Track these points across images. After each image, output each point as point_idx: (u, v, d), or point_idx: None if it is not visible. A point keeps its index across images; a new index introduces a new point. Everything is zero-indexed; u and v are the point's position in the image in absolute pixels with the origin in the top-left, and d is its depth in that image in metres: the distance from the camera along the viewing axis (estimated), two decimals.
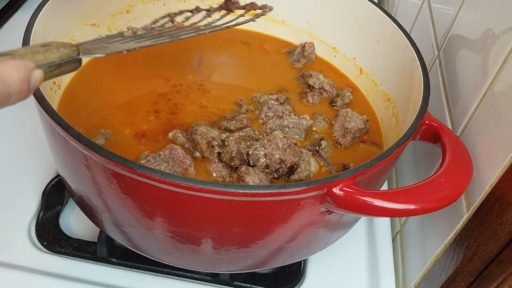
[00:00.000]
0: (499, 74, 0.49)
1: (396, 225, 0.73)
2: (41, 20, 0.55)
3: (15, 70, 0.32)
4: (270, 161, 0.53)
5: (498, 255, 0.46)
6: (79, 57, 0.39)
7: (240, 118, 0.60)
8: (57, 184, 0.67)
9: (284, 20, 0.79)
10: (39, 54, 0.35)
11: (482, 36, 0.55)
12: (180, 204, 0.43)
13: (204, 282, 0.61)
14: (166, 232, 0.47)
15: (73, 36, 0.64)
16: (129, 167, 0.40)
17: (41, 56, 0.35)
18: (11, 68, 0.32)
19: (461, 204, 0.52)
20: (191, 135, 0.57)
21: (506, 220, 0.44)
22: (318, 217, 0.47)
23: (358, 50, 0.73)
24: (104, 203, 0.48)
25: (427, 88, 0.55)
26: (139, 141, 0.57)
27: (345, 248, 0.67)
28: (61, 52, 0.37)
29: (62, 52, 0.37)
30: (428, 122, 0.53)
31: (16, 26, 0.95)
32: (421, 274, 0.59)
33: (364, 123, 0.63)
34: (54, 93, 0.60)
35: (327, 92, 0.69)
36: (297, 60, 0.75)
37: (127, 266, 0.61)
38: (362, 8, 0.70)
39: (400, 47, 0.64)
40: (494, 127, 0.49)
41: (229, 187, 0.40)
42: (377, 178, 0.51)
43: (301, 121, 0.61)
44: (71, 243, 0.62)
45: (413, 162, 0.72)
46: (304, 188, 0.42)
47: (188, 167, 0.53)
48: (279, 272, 0.63)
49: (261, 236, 0.48)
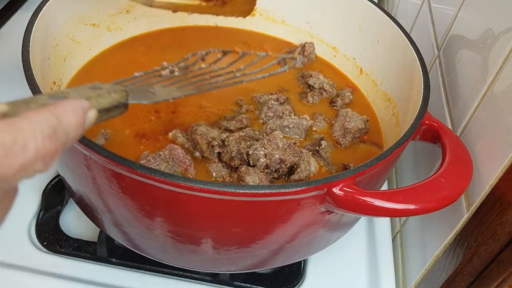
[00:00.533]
0: (499, 74, 0.49)
1: (396, 225, 0.73)
2: (41, 20, 0.55)
3: (73, 116, 0.30)
4: (270, 161, 0.53)
5: (498, 255, 0.46)
6: (127, 102, 0.39)
7: (240, 118, 0.60)
8: (57, 184, 0.67)
9: (284, 20, 0.79)
10: (92, 100, 0.34)
11: (482, 36, 0.55)
12: (180, 204, 0.43)
13: (204, 282, 0.61)
14: (166, 232, 0.47)
15: (73, 36, 0.64)
16: (129, 167, 0.40)
17: (93, 102, 0.34)
18: (70, 114, 0.29)
19: (461, 204, 0.52)
20: (191, 135, 0.57)
21: (506, 220, 0.44)
22: (318, 217, 0.47)
23: (358, 50, 0.73)
24: (104, 203, 0.48)
25: (427, 88, 0.55)
26: (139, 141, 0.57)
27: (345, 248, 0.67)
28: (112, 98, 0.36)
29: (113, 97, 0.36)
30: (428, 122, 0.53)
31: (16, 26, 0.95)
32: (421, 274, 0.59)
33: (364, 123, 0.63)
34: None
35: (327, 92, 0.69)
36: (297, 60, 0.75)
37: (127, 266, 0.61)
38: (362, 8, 0.70)
39: (400, 47, 0.64)
40: (494, 127, 0.48)
41: (229, 187, 0.40)
42: (377, 178, 0.51)
43: (301, 121, 0.61)
44: (71, 243, 0.62)
45: (413, 162, 0.72)
46: (304, 188, 0.42)
47: (188, 167, 0.53)
48: (279, 272, 0.63)
49: (261, 236, 0.48)
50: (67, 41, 0.63)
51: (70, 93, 0.33)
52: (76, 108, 0.30)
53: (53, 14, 0.58)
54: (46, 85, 0.57)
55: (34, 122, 0.26)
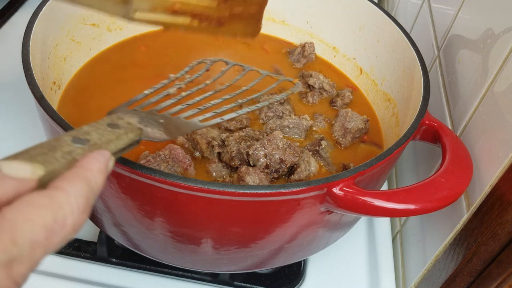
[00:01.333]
0: (499, 74, 0.49)
1: (396, 225, 0.73)
2: (41, 20, 0.55)
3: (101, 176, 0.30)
4: (270, 161, 0.53)
5: (498, 255, 0.46)
6: (140, 139, 0.39)
7: (240, 118, 0.60)
8: None
9: (284, 20, 0.79)
10: (111, 144, 0.34)
11: (482, 36, 0.55)
12: (180, 204, 0.43)
13: (204, 282, 0.61)
14: (166, 232, 0.47)
15: (73, 36, 0.64)
16: (129, 167, 0.40)
17: (112, 145, 0.34)
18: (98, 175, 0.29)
19: (461, 204, 0.52)
20: (191, 135, 0.57)
21: (506, 220, 0.44)
22: (318, 217, 0.47)
23: (358, 50, 0.73)
24: (104, 203, 0.48)
25: (427, 88, 0.55)
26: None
27: (345, 248, 0.67)
28: (129, 138, 0.36)
29: (129, 138, 0.36)
30: (428, 122, 0.53)
31: (16, 26, 0.95)
32: (421, 274, 0.59)
33: (364, 123, 0.63)
34: (54, 93, 0.60)
35: (327, 92, 0.69)
36: (297, 60, 0.75)
37: (127, 266, 0.61)
38: (362, 8, 0.70)
39: (400, 47, 0.64)
40: (494, 127, 0.48)
41: (229, 187, 0.40)
42: (377, 178, 0.51)
43: (301, 121, 0.61)
44: (71, 243, 0.62)
45: (413, 162, 0.72)
46: (304, 188, 0.42)
47: (187, 167, 0.53)
48: (279, 272, 0.63)
49: (261, 236, 0.48)
50: (67, 41, 0.63)
51: (91, 134, 0.33)
52: (102, 165, 0.30)
53: (53, 14, 0.58)
54: (46, 85, 0.57)
55: (71, 197, 0.27)
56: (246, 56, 0.75)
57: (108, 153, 0.32)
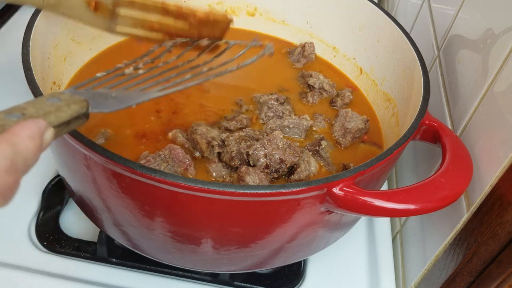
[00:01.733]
0: (499, 74, 0.49)
1: (396, 225, 0.73)
2: (41, 20, 0.55)
3: (31, 141, 0.29)
4: (270, 161, 0.53)
5: (498, 255, 0.46)
6: (88, 112, 0.37)
7: (240, 119, 0.60)
8: (57, 184, 0.67)
9: (284, 20, 0.79)
10: (51, 115, 0.32)
11: (482, 36, 0.55)
12: (180, 204, 0.43)
13: (204, 282, 0.61)
14: (166, 232, 0.47)
15: (73, 36, 0.64)
16: (129, 167, 0.40)
17: (52, 117, 0.32)
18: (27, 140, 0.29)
19: (461, 204, 0.52)
20: (191, 135, 0.57)
21: (506, 220, 0.44)
22: (318, 217, 0.47)
23: (358, 50, 0.73)
24: (104, 203, 0.48)
25: (427, 88, 0.55)
26: (139, 141, 0.57)
27: (345, 248, 0.67)
28: (72, 110, 0.35)
29: (73, 109, 0.35)
30: (428, 122, 0.53)
31: (16, 26, 0.95)
32: (421, 274, 0.59)
33: (364, 123, 0.63)
34: None
35: (327, 92, 0.69)
36: (297, 60, 0.75)
37: (127, 266, 0.61)
38: (362, 8, 0.70)
39: (400, 47, 0.64)
40: (494, 127, 0.48)
41: (229, 187, 0.40)
42: (377, 178, 0.51)
43: (301, 121, 0.61)
44: (71, 243, 0.62)
45: (413, 162, 0.72)
46: (304, 188, 0.42)
47: (188, 167, 0.53)
48: (279, 272, 0.63)
49: (261, 236, 0.48)
50: (67, 41, 0.63)
51: (28, 108, 0.31)
52: (33, 131, 0.29)
53: (53, 14, 0.58)
54: (46, 85, 0.57)
55: None
56: (246, 56, 0.75)
57: (42, 122, 0.31)
